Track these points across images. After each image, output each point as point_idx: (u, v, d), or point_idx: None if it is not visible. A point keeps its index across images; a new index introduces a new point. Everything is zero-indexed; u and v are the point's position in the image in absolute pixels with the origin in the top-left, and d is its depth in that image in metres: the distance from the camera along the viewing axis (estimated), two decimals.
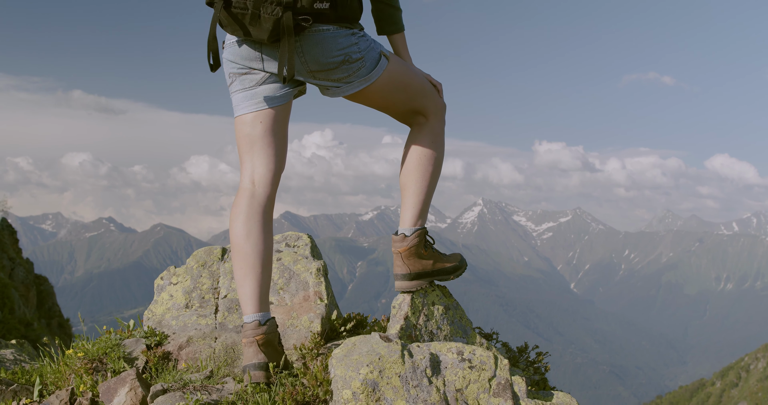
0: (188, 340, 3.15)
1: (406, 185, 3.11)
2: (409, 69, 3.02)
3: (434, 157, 3.10)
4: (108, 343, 3.09)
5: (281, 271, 3.48)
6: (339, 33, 2.71)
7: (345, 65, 2.76)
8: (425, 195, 3.11)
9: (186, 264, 3.62)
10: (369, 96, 2.94)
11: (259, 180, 2.86)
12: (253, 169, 2.87)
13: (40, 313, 26.65)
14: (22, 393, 2.86)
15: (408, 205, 3.11)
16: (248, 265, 2.75)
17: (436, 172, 3.12)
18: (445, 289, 3.25)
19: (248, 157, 2.88)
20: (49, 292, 28.86)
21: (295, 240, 3.69)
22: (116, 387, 2.62)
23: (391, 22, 3.00)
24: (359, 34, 2.80)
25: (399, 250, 3.09)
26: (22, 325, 20.46)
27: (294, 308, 3.29)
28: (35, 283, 26.32)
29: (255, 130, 2.85)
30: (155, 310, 3.45)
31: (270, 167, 2.87)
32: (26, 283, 25.43)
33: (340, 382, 2.38)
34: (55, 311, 29.49)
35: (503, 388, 2.47)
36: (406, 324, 2.95)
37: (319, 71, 2.77)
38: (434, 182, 3.13)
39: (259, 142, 2.86)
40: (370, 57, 2.82)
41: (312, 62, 2.73)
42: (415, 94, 3.03)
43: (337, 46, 2.71)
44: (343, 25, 2.73)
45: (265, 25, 2.56)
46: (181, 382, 2.69)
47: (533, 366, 3.53)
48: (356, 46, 2.76)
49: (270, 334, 2.72)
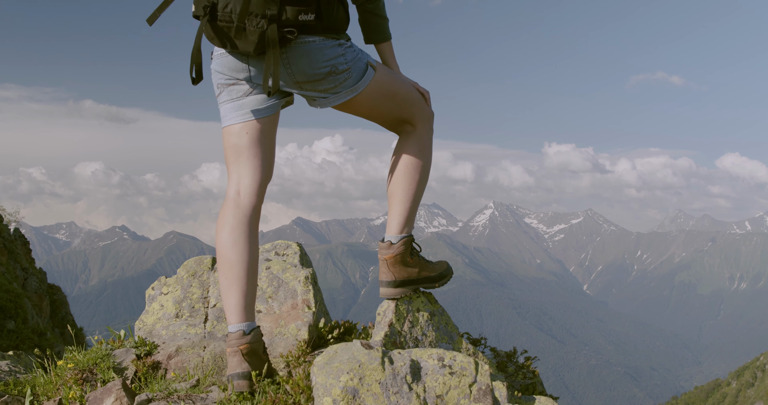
0: (177, 350, 3.20)
1: (393, 193, 3.14)
2: (396, 78, 3.05)
3: (421, 165, 3.13)
4: (98, 354, 3.13)
5: (270, 279, 3.51)
6: (325, 44, 2.73)
7: (332, 76, 2.79)
8: (412, 203, 3.14)
9: (177, 274, 3.67)
10: (356, 106, 2.96)
11: (244, 190, 2.88)
12: (239, 180, 2.90)
13: (54, 322, 26.80)
14: (13, 403, 2.91)
15: (395, 212, 3.14)
16: (234, 275, 2.78)
17: (423, 181, 3.15)
18: (431, 296, 3.28)
19: (234, 168, 2.91)
20: (62, 302, 28.99)
21: (285, 248, 3.72)
22: (102, 397, 2.67)
23: (378, 31, 3.02)
24: (346, 45, 2.81)
25: (385, 258, 3.13)
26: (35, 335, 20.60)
27: (282, 316, 3.32)
28: (48, 292, 26.45)
29: (241, 140, 2.87)
30: (146, 320, 3.50)
31: (256, 178, 2.90)
32: (39, 293, 25.58)
33: (320, 390, 2.41)
34: (69, 320, 29.65)
35: (484, 393, 2.49)
36: (390, 331, 2.98)
37: (305, 82, 2.80)
38: (421, 190, 3.16)
39: (245, 153, 2.88)
40: (356, 67, 2.84)
41: (298, 73, 2.76)
42: (402, 103, 3.05)
43: (323, 58, 2.74)
44: (329, 36, 2.75)
45: (250, 37, 2.58)
46: (167, 392, 2.73)
47: (522, 370, 3.55)
48: (343, 57, 2.79)
49: (254, 343, 2.75)
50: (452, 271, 3.31)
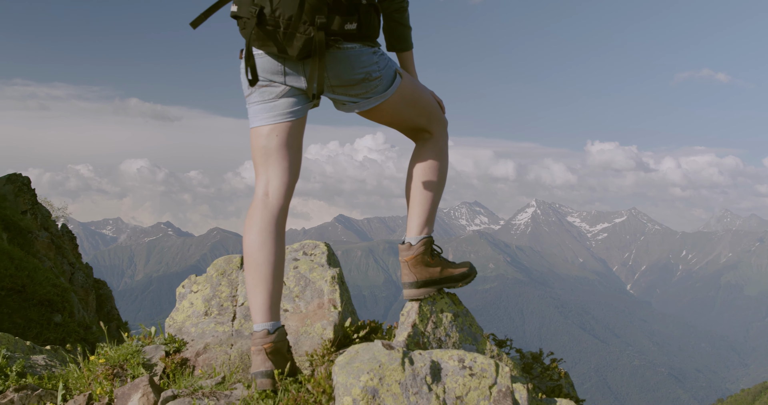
0: (205, 347, 3.26)
1: (412, 196, 3.21)
2: (417, 86, 3.13)
3: (439, 168, 3.21)
4: (129, 350, 3.21)
5: (297, 279, 3.56)
6: (363, 51, 2.83)
7: (365, 82, 2.88)
8: (430, 205, 3.20)
9: (206, 272, 3.74)
10: (382, 112, 3.04)
11: (273, 192, 2.93)
12: (268, 181, 2.95)
13: (100, 316, 27.33)
14: (46, 398, 3.00)
15: (414, 214, 3.20)
16: (260, 275, 2.83)
17: (441, 184, 3.22)
18: (455, 297, 3.29)
19: (263, 169, 2.96)
20: (107, 296, 29.56)
21: (312, 248, 3.77)
22: (130, 392, 2.74)
23: (403, 39, 3.13)
24: (379, 53, 2.91)
25: (405, 259, 3.16)
26: (81, 329, 21.05)
27: (308, 315, 3.37)
28: (94, 287, 26.97)
29: (271, 142, 2.93)
30: (176, 318, 3.57)
31: (284, 180, 2.95)
32: (86, 287, 26.09)
33: (341, 389, 2.45)
34: (114, 315, 30.20)
35: (504, 395, 2.50)
36: (414, 331, 3.00)
37: (339, 86, 2.88)
38: (439, 193, 3.22)
39: (274, 155, 2.94)
40: (387, 75, 2.93)
41: (334, 78, 2.84)
42: (422, 110, 3.14)
43: (360, 64, 2.83)
44: (366, 44, 2.85)
45: (296, 43, 2.67)
46: (192, 388, 2.79)
47: (548, 372, 3.54)
48: (377, 65, 2.88)
49: (278, 342, 2.80)
50: (476, 270, 3.33)
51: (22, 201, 20.57)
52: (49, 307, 14.44)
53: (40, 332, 13.17)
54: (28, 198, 20.80)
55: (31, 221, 19.96)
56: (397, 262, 65.14)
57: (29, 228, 18.75)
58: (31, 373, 3.45)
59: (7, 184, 20.38)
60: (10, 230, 17.37)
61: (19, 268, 14.60)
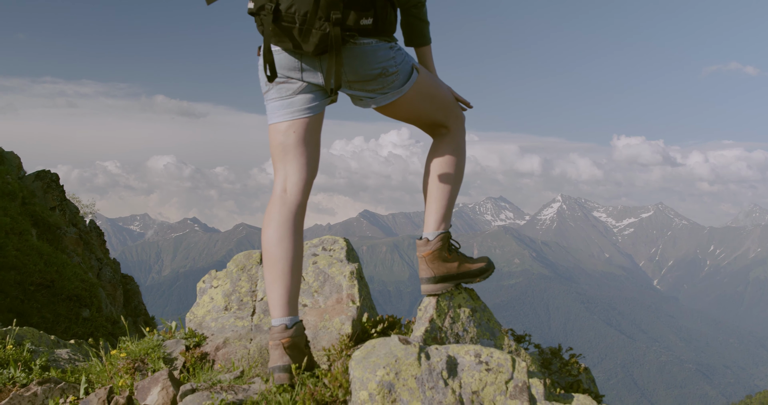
0: (225, 342, 3.29)
1: (429, 191, 3.21)
2: (435, 81, 3.13)
3: (456, 164, 3.21)
4: (150, 344, 3.26)
5: (316, 274, 3.58)
6: (379, 46, 2.84)
7: (381, 78, 2.88)
8: (447, 200, 3.20)
9: (226, 268, 3.77)
10: (398, 107, 3.04)
11: (291, 188, 2.95)
12: (286, 177, 2.97)
13: (127, 311, 27.64)
14: (69, 391, 3.05)
15: (431, 210, 3.20)
16: (278, 271, 2.85)
17: (458, 179, 3.22)
18: (473, 292, 3.29)
19: (281, 165, 2.98)
20: (135, 291, 29.90)
21: (332, 244, 3.79)
22: (150, 386, 2.78)
23: (421, 35, 3.12)
24: (396, 48, 2.92)
25: (423, 255, 3.17)
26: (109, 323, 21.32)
27: (327, 310, 3.39)
28: (122, 282, 27.27)
29: (288, 138, 2.95)
30: (196, 312, 3.61)
31: (302, 175, 2.97)
32: (113, 283, 26.37)
33: (357, 384, 2.46)
34: (141, 310, 30.53)
35: (520, 390, 2.50)
36: (431, 326, 3.01)
37: (355, 82, 2.89)
38: (456, 188, 3.22)
39: (292, 151, 2.95)
40: (404, 70, 2.94)
41: (350, 73, 2.85)
42: (440, 106, 3.14)
43: (376, 60, 2.84)
44: (382, 39, 2.85)
45: (312, 39, 2.69)
46: (211, 382, 2.83)
47: (567, 368, 3.53)
48: (393, 60, 2.89)
49: (296, 337, 2.82)
50: (494, 265, 3.33)
51: (50, 197, 20.82)
52: (77, 302, 14.63)
53: (69, 327, 13.36)
54: (56, 194, 21.06)
55: (60, 217, 20.20)
56: None
57: (58, 224, 18.98)
58: (55, 367, 3.50)
59: (35, 180, 20.64)
60: (39, 226, 17.60)
61: (48, 264, 14.79)
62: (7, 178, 17.60)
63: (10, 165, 19.64)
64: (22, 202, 17.88)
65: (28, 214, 17.56)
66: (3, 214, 15.38)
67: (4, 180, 17.41)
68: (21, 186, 18.78)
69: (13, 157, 20.57)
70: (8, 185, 17.24)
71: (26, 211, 17.67)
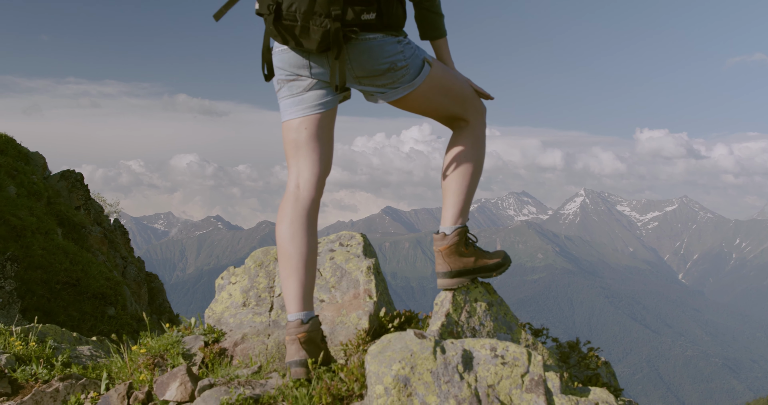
0: (243, 337, 3.32)
1: (447, 185, 3.19)
2: (450, 74, 3.10)
3: (475, 158, 3.17)
4: (169, 340, 3.29)
5: (333, 269, 3.60)
6: (386, 41, 2.82)
7: (390, 72, 2.87)
8: (465, 195, 3.17)
9: (244, 264, 3.80)
10: (412, 101, 3.02)
11: (303, 184, 2.97)
12: (299, 174, 2.99)
13: (152, 308, 27.89)
14: (90, 387, 3.10)
15: (448, 204, 3.18)
16: (292, 266, 2.87)
17: (477, 173, 3.19)
18: (489, 286, 3.29)
19: (294, 162, 3.00)
20: (159, 289, 30.17)
21: (349, 239, 3.80)
22: (168, 381, 2.81)
23: (435, 28, 3.08)
24: (404, 42, 2.89)
25: (439, 249, 3.17)
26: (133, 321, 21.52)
27: (344, 306, 3.40)
28: (146, 280, 27.52)
29: (300, 135, 2.96)
30: (215, 309, 3.64)
31: (314, 171, 2.98)
32: (138, 281, 26.59)
33: (373, 378, 2.47)
34: (165, 307, 30.79)
35: (536, 383, 2.50)
36: (447, 321, 3.02)
37: (365, 77, 2.88)
38: (474, 182, 3.19)
39: (304, 148, 2.97)
40: (414, 64, 2.92)
41: (358, 69, 2.85)
42: (456, 99, 3.11)
43: (383, 54, 2.82)
44: (389, 33, 2.83)
45: (314, 36, 2.69)
46: (228, 377, 2.85)
47: (584, 361, 3.52)
48: (402, 54, 2.87)
49: (312, 332, 2.83)
50: (510, 260, 3.32)
51: (75, 197, 21.03)
52: (102, 300, 14.77)
53: (95, 325, 13.51)
54: (81, 194, 21.26)
55: (85, 216, 20.39)
56: None
57: (83, 223, 19.16)
58: (77, 363, 3.56)
59: (60, 180, 20.86)
60: (64, 225, 17.78)
61: (74, 263, 14.94)
62: (32, 178, 17.80)
63: (35, 165, 19.88)
64: (48, 201, 18.08)
65: (53, 214, 17.75)
66: (29, 213, 15.56)
67: (30, 180, 17.62)
68: (46, 186, 18.99)
69: (38, 157, 20.81)
70: (34, 185, 17.44)
71: (52, 211, 17.86)
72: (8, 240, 13.82)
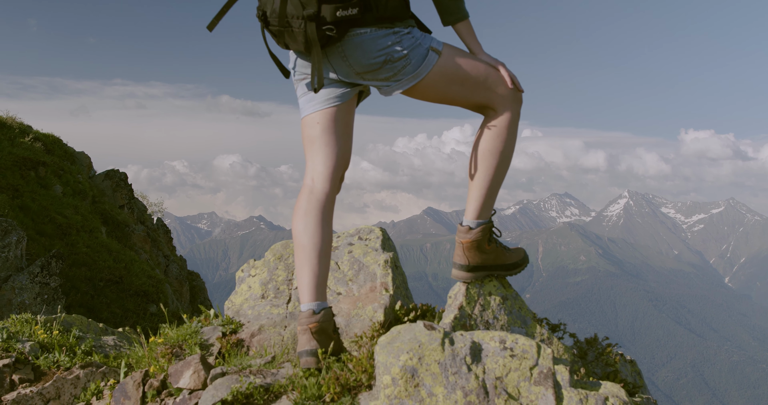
0: (260, 328, 3.37)
1: (472, 177, 3.12)
2: (467, 62, 2.98)
3: (499, 149, 3.07)
4: (187, 331, 3.36)
5: (351, 263, 3.63)
6: (377, 34, 2.79)
7: (388, 65, 2.84)
8: (488, 188, 3.09)
9: (264, 257, 3.85)
10: (424, 92, 2.98)
11: (317, 177, 3.01)
12: (314, 168, 3.03)
13: (193, 307, 28.30)
14: (110, 375, 3.18)
15: (472, 197, 3.12)
16: (304, 257, 2.91)
17: (502, 165, 3.09)
18: (504, 280, 3.28)
19: (310, 156, 3.05)
20: (200, 288, 30.60)
21: (368, 233, 3.83)
22: (182, 369, 2.88)
23: (449, 12, 2.97)
24: (402, 33, 2.84)
25: (462, 241, 3.15)
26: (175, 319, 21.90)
27: (360, 298, 3.43)
28: (188, 278, 27.94)
29: (314, 130, 3.00)
30: (234, 300, 3.70)
31: (328, 165, 3.01)
32: (180, 279, 26.97)
33: (381, 368, 2.49)
34: (207, 306, 31.20)
35: (545, 376, 2.49)
36: (460, 314, 3.02)
37: (365, 72, 2.88)
38: (499, 175, 3.10)
39: (317, 142, 3.01)
40: (415, 54, 2.86)
41: (356, 65, 2.85)
42: (475, 87, 2.99)
43: (376, 47, 2.81)
44: (382, 26, 2.80)
45: (298, 38, 2.73)
46: (240, 366, 2.90)
47: (602, 358, 3.49)
48: (398, 45, 2.82)
49: (323, 322, 2.86)
50: (528, 260, 3.30)
51: (119, 196, 21.43)
52: (144, 298, 15.02)
53: (137, 322, 13.75)
54: (125, 193, 21.66)
55: (128, 215, 20.76)
56: None
57: (126, 222, 19.51)
58: (99, 352, 3.64)
59: (105, 179, 21.27)
60: (108, 224, 18.13)
61: (117, 261, 15.23)
62: (78, 178, 18.18)
63: (81, 165, 20.29)
64: (92, 200, 18.45)
65: (98, 213, 18.11)
66: (74, 212, 15.90)
67: (75, 179, 18.00)
68: (91, 185, 19.38)
69: (83, 157, 21.24)
70: (79, 184, 17.81)
71: (96, 210, 18.22)
72: (54, 238, 14.13)
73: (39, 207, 14.70)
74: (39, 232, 13.79)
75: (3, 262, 9.80)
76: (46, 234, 13.96)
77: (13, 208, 13.36)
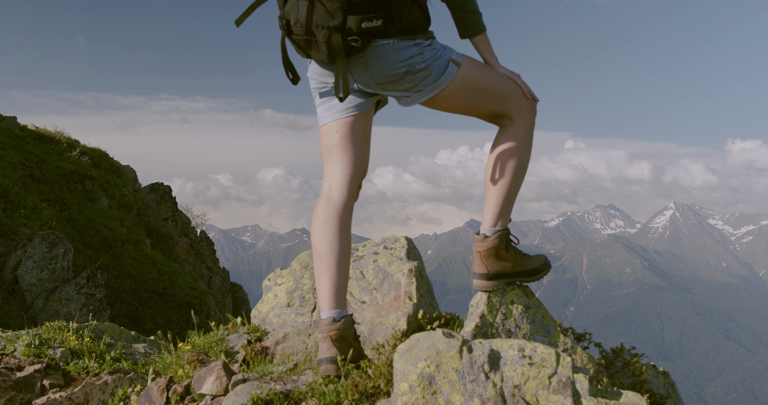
0: (284, 336, 3.41)
1: (488, 186, 3.16)
2: (486, 73, 3.05)
3: (516, 158, 3.12)
4: (214, 338, 3.42)
5: (376, 271, 3.65)
6: (400, 45, 2.83)
7: (409, 76, 2.88)
8: (505, 197, 3.14)
9: (290, 266, 3.90)
10: (443, 103, 3.02)
11: (335, 186, 3.04)
12: (331, 176, 3.06)
13: None
14: (137, 381, 3.24)
15: (489, 205, 3.17)
16: (324, 265, 2.94)
17: (519, 174, 3.14)
18: (527, 289, 3.27)
19: (328, 165, 3.08)
20: (243, 300, 30.93)
21: (393, 242, 3.85)
22: (206, 376, 2.92)
23: (467, 25, 3.04)
24: (424, 44, 2.88)
25: (478, 250, 3.16)
26: None
27: (384, 307, 3.44)
28: (231, 290, 28.24)
29: (332, 139, 3.04)
30: (261, 309, 3.75)
31: (346, 173, 3.04)
32: (222, 291, 27.24)
33: (399, 375, 2.50)
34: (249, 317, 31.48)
35: (563, 385, 2.48)
36: (481, 322, 3.02)
37: (386, 83, 2.92)
38: (516, 184, 3.14)
39: (335, 151, 3.05)
40: (436, 65, 2.91)
41: (377, 75, 2.88)
42: (494, 98, 3.06)
43: (398, 59, 2.84)
44: (404, 38, 2.84)
45: (321, 48, 2.77)
46: (262, 373, 2.94)
47: (628, 368, 3.45)
48: (420, 56, 2.86)
49: (344, 329, 2.88)
50: (550, 266, 3.29)
51: (163, 208, 21.78)
52: (188, 309, 15.21)
53: (180, 333, 13.93)
54: (169, 206, 22.01)
55: (172, 228, 21.08)
56: None
57: (170, 234, 19.81)
58: (128, 359, 3.72)
59: (150, 192, 21.64)
60: (152, 236, 18.43)
61: (161, 272, 15.46)
62: (123, 191, 18.54)
63: (126, 178, 20.69)
64: (137, 213, 18.78)
65: (142, 225, 18.43)
66: (119, 224, 16.20)
67: (121, 192, 18.35)
68: (136, 198, 19.73)
69: (129, 170, 21.65)
70: (124, 197, 18.15)
71: (141, 222, 18.55)
72: (99, 250, 14.40)
73: (85, 219, 15.02)
74: (85, 244, 14.08)
75: (50, 274, 10.03)
76: (92, 246, 14.25)
77: (60, 221, 13.66)
